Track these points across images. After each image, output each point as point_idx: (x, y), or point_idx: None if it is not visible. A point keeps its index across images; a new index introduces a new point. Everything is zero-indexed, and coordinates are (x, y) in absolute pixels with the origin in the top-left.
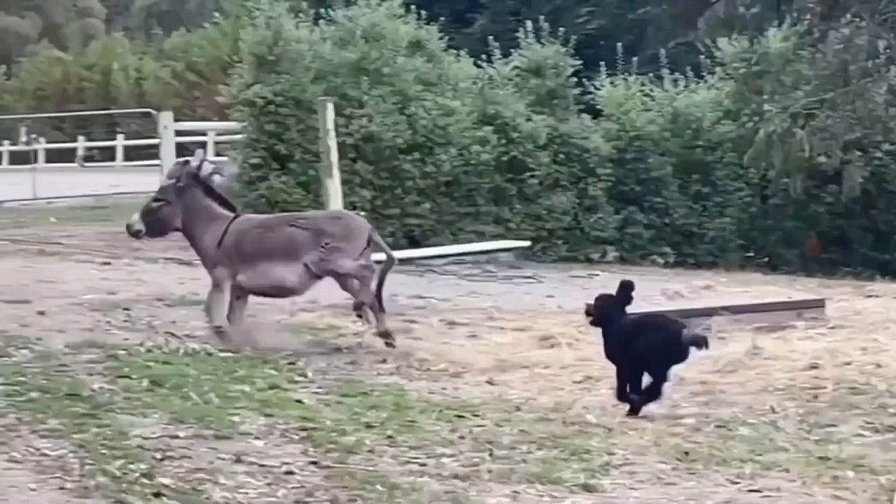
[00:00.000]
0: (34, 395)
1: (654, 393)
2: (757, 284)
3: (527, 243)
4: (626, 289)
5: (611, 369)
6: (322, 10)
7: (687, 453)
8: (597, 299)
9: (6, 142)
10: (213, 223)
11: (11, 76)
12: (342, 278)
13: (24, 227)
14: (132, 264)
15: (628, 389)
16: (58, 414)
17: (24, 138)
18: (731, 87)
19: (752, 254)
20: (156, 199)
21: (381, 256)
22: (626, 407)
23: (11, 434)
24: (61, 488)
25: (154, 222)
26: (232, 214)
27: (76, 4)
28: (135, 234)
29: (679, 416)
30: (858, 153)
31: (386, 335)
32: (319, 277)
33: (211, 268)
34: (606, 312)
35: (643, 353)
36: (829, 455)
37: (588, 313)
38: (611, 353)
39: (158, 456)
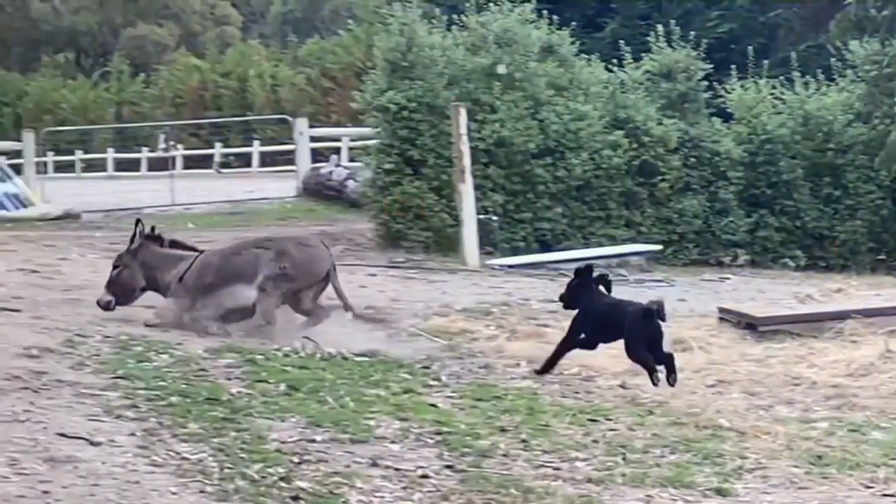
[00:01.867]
0: (174, 399)
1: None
2: (889, 287)
3: (658, 247)
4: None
5: (741, 372)
6: (455, 16)
7: (820, 457)
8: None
9: (145, 148)
10: (179, 264)
11: (150, 84)
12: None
13: (163, 232)
14: None
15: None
16: (197, 418)
17: (162, 145)
18: (863, 90)
19: (883, 256)
20: (114, 267)
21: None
22: (759, 414)
23: (153, 438)
24: (201, 492)
25: (119, 290)
26: (197, 253)
27: (213, 12)
28: (106, 307)
29: (812, 420)
30: None
31: None
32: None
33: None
34: (576, 295)
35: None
36: None
37: (561, 299)
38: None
39: (296, 460)
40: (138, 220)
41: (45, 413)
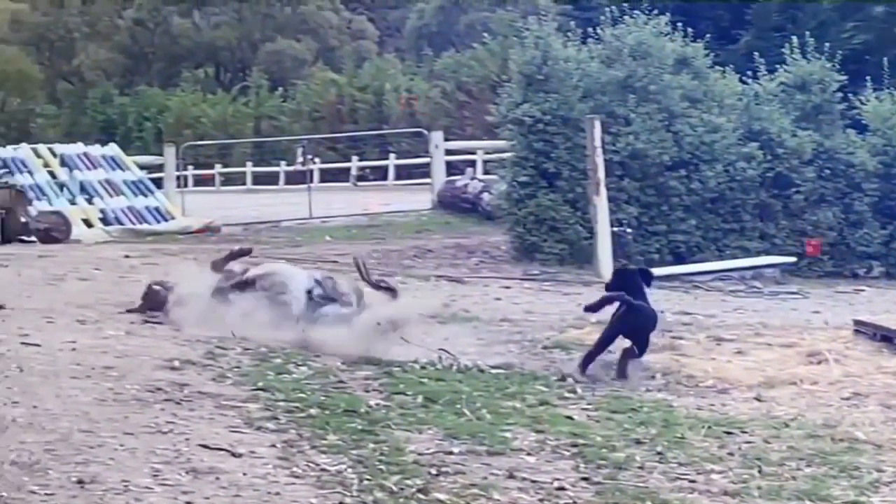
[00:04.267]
0: (314, 411)
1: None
2: None
3: (792, 259)
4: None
5: (877, 384)
6: (589, 29)
7: None
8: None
9: (283, 162)
10: None
11: (288, 98)
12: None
13: (301, 245)
14: (405, 282)
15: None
16: (336, 430)
17: (300, 159)
18: None
19: None
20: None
21: None
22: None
23: (293, 450)
24: (341, 503)
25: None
26: None
27: (349, 27)
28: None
29: None
30: None
31: None
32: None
33: None
34: (618, 284)
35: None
36: None
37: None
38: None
39: (433, 471)
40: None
41: (187, 424)
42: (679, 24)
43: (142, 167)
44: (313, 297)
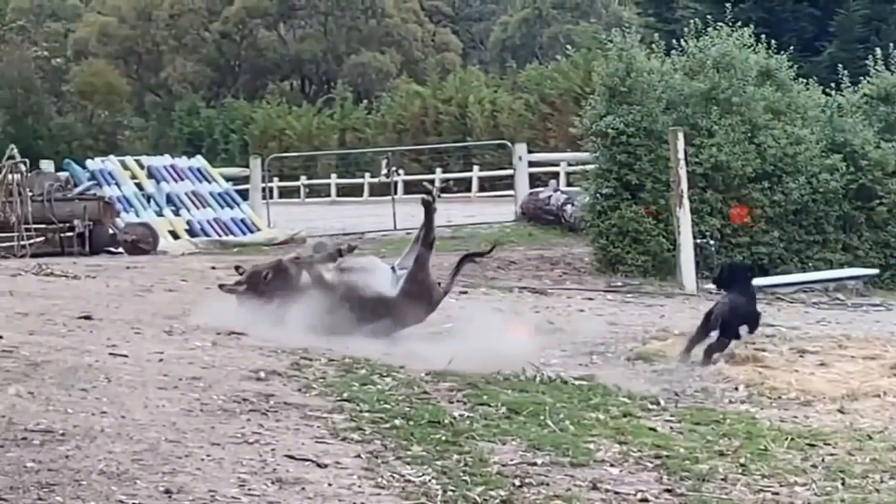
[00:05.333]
0: (398, 422)
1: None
2: None
3: (875, 271)
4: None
5: None
6: (673, 41)
7: None
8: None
9: (367, 174)
10: None
11: (372, 110)
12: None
13: (385, 257)
14: (488, 293)
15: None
16: (421, 441)
17: (384, 171)
18: None
19: None
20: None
21: None
22: None
23: (378, 460)
24: None
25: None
26: None
27: (434, 39)
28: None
29: None
30: None
31: None
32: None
33: None
34: (726, 278)
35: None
36: None
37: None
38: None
39: (517, 482)
40: (237, 267)
41: (273, 435)
42: (763, 36)
43: (228, 179)
44: (395, 271)
